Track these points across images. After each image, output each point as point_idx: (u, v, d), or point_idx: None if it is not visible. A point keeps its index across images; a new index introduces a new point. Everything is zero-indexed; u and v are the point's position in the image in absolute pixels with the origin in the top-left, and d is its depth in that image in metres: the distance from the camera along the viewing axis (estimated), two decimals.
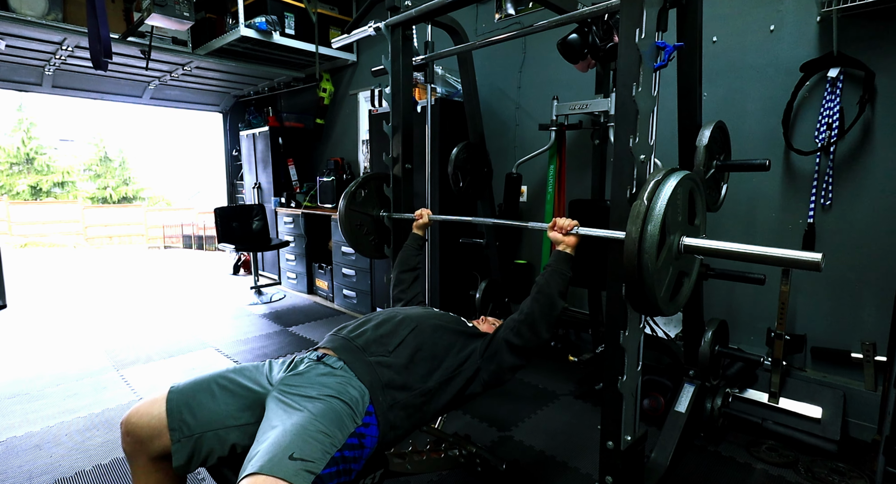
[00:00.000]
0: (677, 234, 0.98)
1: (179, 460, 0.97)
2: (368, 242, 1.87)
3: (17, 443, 1.84)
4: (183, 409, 1.00)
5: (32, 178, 18.30)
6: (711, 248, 0.96)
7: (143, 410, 1.01)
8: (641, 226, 0.91)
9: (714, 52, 2.12)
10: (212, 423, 1.01)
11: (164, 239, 12.98)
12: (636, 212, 0.93)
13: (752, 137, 2.05)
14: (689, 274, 1.07)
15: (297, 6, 3.61)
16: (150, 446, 1.00)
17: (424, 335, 1.22)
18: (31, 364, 2.65)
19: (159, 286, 4.87)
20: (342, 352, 1.14)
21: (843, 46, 1.78)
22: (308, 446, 0.86)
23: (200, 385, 1.06)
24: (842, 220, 1.87)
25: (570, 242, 1.23)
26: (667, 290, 0.98)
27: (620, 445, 1.25)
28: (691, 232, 1.02)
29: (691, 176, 0.99)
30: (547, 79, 2.76)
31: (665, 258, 0.95)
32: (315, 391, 1.00)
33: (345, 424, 0.95)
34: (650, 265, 0.90)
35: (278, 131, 4.60)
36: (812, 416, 1.79)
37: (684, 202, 0.99)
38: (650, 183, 0.95)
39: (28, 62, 4.00)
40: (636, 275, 0.92)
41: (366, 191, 1.83)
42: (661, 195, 0.91)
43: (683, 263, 1.03)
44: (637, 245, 0.90)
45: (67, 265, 6.70)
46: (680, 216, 0.98)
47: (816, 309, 1.96)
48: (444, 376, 1.19)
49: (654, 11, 1.16)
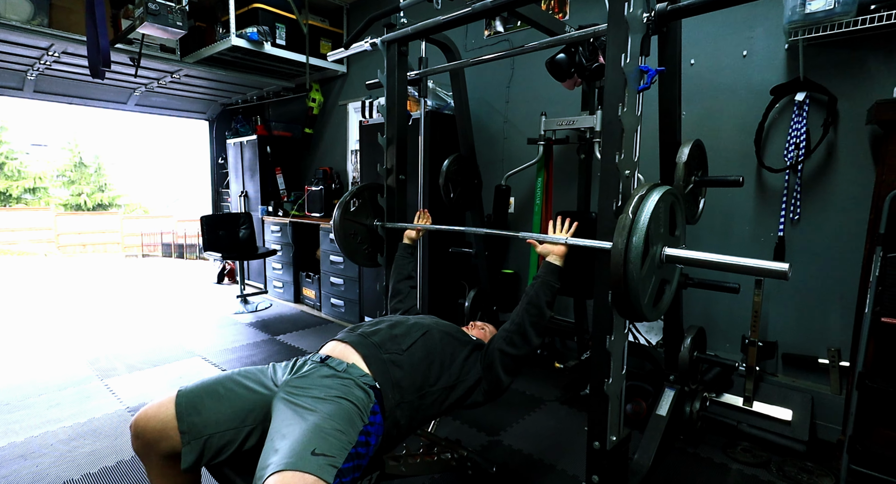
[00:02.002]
0: (659, 244, 1.06)
1: (188, 462, 1.01)
2: (362, 251, 1.91)
3: (1, 453, 1.80)
4: (191, 411, 1.03)
5: (2, 183, 17.70)
6: (691, 258, 1.03)
7: (152, 413, 1.04)
8: (627, 237, 0.97)
9: (692, 73, 2.25)
10: (219, 424, 1.04)
11: (141, 247, 12.67)
12: (622, 224, 0.99)
13: (727, 155, 2.18)
14: (671, 282, 1.15)
15: (288, 17, 3.66)
16: (159, 447, 1.03)
17: (434, 340, 1.29)
18: (11, 374, 2.59)
19: (140, 295, 4.78)
20: (359, 347, 1.19)
21: (808, 72, 1.92)
22: (327, 443, 0.91)
23: (207, 388, 1.09)
24: (809, 233, 2.00)
25: (560, 251, 1.29)
26: (650, 297, 1.05)
27: (606, 445, 1.31)
28: (672, 243, 1.10)
29: (672, 191, 1.07)
30: (534, 94, 2.87)
31: (648, 267, 1.02)
32: (322, 393, 1.04)
33: (355, 422, 1.00)
34: (635, 274, 0.96)
35: (266, 140, 4.61)
36: (783, 418, 1.89)
37: (665, 215, 1.07)
38: (635, 197, 1.02)
39: (9, 66, 3.94)
40: (622, 283, 0.99)
41: (360, 200, 1.88)
42: (644, 209, 0.99)
43: (665, 272, 1.11)
44: (623, 255, 0.97)
45: (40, 274, 6.51)
46: (662, 228, 1.05)
47: (787, 317, 2.08)
48: (448, 382, 1.25)
49: (637, 38, 1.26)
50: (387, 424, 1.11)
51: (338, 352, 1.22)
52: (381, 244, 1.92)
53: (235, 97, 5.25)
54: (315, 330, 3.49)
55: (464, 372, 1.29)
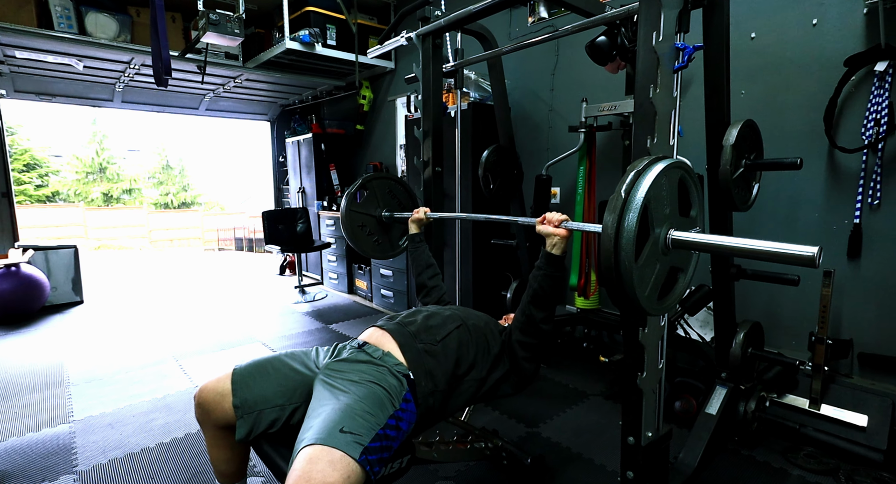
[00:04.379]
0: (664, 227, 0.90)
1: (241, 434, 1.12)
2: (371, 242, 1.88)
3: (94, 421, 2.06)
4: (244, 387, 1.15)
5: (104, 185, 19.94)
6: (699, 242, 0.88)
7: (211, 387, 1.18)
8: (619, 219, 0.82)
9: (753, 48, 2.07)
10: (267, 400, 1.15)
11: (218, 242, 13.74)
12: (613, 204, 0.84)
13: (792, 136, 1.99)
14: (685, 270, 0.99)
15: (338, 18, 3.79)
16: (216, 416, 1.16)
17: (468, 332, 1.32)
18: (104, 353, 2.94)
19: (213, 285, 5.22)
20: (396, 335, 1.25)
21: (891, 39, 1.70)
22: (355, 423, 0.97)
23: (259, 366, 1.21)
24: (892, 219, 1.78)
25: (561, 233, 1.20)
26: (653, 289, 0.90)
27: (641, 440, 1.27)
28: (683, 225, 0.94)
29: (680, 164, 0.91)
30: (580, 81, 2.77)
31: (649, 254, 0.88)
32: (357, 376, 1.11)
33: (385, 406, 1.06)
34: (627, 262, 0.81)
35: (321, 138, 4.82)
36: (856, 423, 1.71)
37: (672, 193, 0.91)
38: (630, 173, 0.86)
39: (101, 80, 4.42)
40: (613, 272, 0.83)
41: (367, 191, 1.85)
42: (641, 185, 0.83)
43: (676, 258, 0.94)
44: (613, 241, 0.82)
45: (134, 266, 7.29)
46: (667, 208, 0.90)
47: (865, 313, 1.87)
48: (480, 374, 1.28)
49: (672, 14, 1.18)
50: (419, 411, 1.15)
51: (375, 339, 1.27)
52: (389, 234, 1.91)
53: (292, 98, 5.53)
54: (365, 320, 3.63)
55: (494, 364, 1.31)
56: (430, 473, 1.65)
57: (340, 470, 0.88)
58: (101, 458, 1.78)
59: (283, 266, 5.65)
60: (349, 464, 0.90)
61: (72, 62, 3.81)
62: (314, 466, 0.87)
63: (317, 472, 0.86)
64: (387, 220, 1.88)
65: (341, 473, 0.88)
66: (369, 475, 0.94)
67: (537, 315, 1.24)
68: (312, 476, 0.86)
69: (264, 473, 1.66)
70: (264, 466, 1.66)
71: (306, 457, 0.89)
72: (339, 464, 0.89)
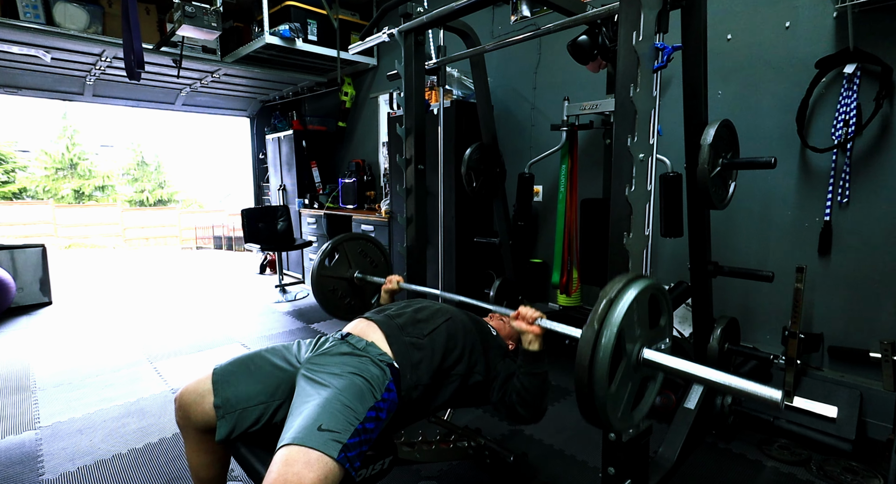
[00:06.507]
0: (636, 346, 0.89)
1: (222, 434, 1.09)
2: (344, 305, 1.82)
3: (62, 427, 1.99)
4: (225, 386, 1.12)
5: (76, 182, 19.27)
6: (671, 366, 0.87)
7: (192, 388, 1.14)
8: (591, 352, 0.80)
9: (729, 49, 2.11)
10: (250, 399, 1.12)
11: (196, 240, 13.43)
12: (586, 336, 0.82)
13: (767, 135, 2.03)
14: (655, 378, 0.97)
15: (319, 13, 3.73)
16: (197, 418, 1.13)
17: (456, 329, 1.30)
18: (73, 356, 2.84)
19: (191, 285, 5.09)
20: (383, 326, 1.23)
21: (859, 42, 1.76)
22: (334, 419, 0.95)
23: (240, 364, 1.18)
24: (859, 217, 1.84)
25: (535, 331, 1.16)
26: (625, 407, 0.89)
27: (622, 437, 1.28)
28: (654, 337, 0.93)
29: (650, 285, 0.90)
30: (562, 79, 2.78)
31: (623, 375, 0.87)
32: (338, 369, 1.09)
33: (365, 397, 1.04)
34: (601, 392, 0.81)
35: (302, 134, 4.75)
36: (827, 415, 1.76)
37: (643, 314, 0.90)
38: (602, 301, 0.85)
39: (71, 73, 4.26)
40: (588, 404, 0.82)
41: (337, 254, 1.79)
42: (613, 317, 0.82)
43: (647, 371, 0.93)
44: (588, 372, 0.80)
45: (107, 265, 7.06)
46: (639, 330, 0.89)
47: (835, 308, 1.93)
48: (463, 369, 1.26)
49: (652, 14, 1.19)
50: (401, 402, 1.14)
51: (359, 329, 1.26)
52: (363, 295, 1.86)
53: (273, 94, 5.44)
54: None
55: (486, 367, 1.30)
56: (412, 473, 1.64)
57: (317, 470, 0.87)
58: (70, 465, 1.72)
59: (263, 265, 5.56)
60: (326, 464, 0.89)
61: (39, 54, 3.66)
62: (290, 469, 0.86)
63: (292, 474, 0.85)
64: (359, 283, 1.80)
65: (318, 473, 0.87)
66: (349, 471, 0.93)
67: (527, 414, 1.22)
68: (288, 478, 0.84)
69: (242, 477, 1.62)
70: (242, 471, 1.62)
71: (283, 458, 0.88)
72: (315, 465, 0.87)
